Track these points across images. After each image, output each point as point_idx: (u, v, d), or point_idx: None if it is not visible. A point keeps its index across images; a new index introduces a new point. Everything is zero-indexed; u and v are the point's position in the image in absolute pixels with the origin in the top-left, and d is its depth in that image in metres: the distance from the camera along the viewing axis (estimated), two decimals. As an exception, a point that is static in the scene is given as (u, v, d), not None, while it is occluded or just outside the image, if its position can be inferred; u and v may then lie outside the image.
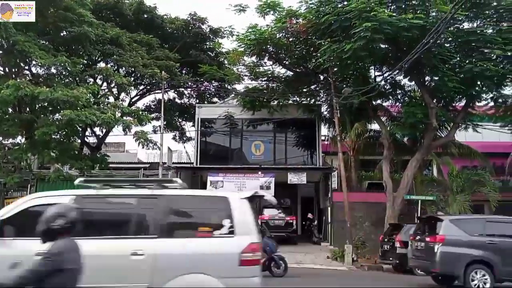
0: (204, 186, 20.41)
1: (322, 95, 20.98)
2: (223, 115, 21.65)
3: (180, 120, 29.03)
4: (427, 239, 10.28)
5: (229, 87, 23.54)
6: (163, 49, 23.22)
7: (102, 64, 21.80)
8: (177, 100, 27.56)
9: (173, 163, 22.66)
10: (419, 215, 16.53)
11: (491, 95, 16.90)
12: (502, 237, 9.85)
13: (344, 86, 17.59)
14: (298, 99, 21.27)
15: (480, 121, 19.43)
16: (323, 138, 22.69)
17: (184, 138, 28.92)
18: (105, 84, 21.85)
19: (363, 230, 17.73)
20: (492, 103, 17.48)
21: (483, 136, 20.61)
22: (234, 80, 21.27)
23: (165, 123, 23.26)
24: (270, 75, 20.20)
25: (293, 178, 19.47)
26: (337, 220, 18.75)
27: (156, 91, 25.06)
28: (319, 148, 21.59)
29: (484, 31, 15.10)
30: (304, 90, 20.61)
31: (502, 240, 9.74)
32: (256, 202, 7.43)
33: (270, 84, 20.95)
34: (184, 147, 29.49)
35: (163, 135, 20.29)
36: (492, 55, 14.71)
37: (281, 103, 20.58)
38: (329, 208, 19.36)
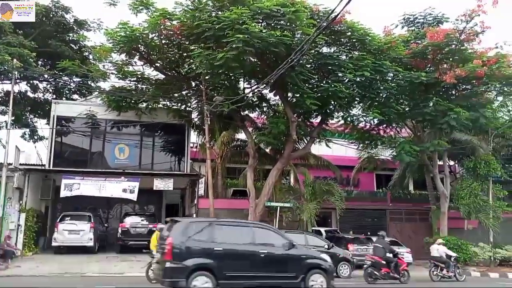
0: (57, 191, 18.50)
1: (193, 102, 20.95)
2: (83, 114, 19.94)
3: (32, 117, 25.94)
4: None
5: (92, 84, 21.88)
6: (17, 35, 20.53)
7: None
8: (30, 94, 24.59)
9: (21, 164, 20.00)
10: (277, 221, 17.61)
11: (342, 114, 18.98)
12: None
13: (215, 94, 17.90)
14: (168, 103, 20.83)
15: (332, 137, 21.75)
16: (192, 144, 22.64)
17: (36, 137, 25.90)
18: None
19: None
20: (342, 121, 19.62)
21: (333, 150, 23.08)
22: (99, 77, 19.85)
23: (13, 118, 20.42)
24: (140, 76, 19.37)
25: (159, 184, 18.97)
26: (201, 227, 18.82)
27: (5, 81, 22.00)
28: (188, 155, 21.45)
29: (340, 56, 16.99)
30: (176, 94, 20.29)
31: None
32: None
33: (139, 85, 20.09)
34: (35, 147, 26.34)
35: (10, 132, 17.74)
36: (345, 78, 16.53)
37: (150, 106, 19.89)
38: (194, 215, 19.32)
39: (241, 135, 21.01)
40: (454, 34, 18.26)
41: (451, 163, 24.51)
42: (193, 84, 19.62)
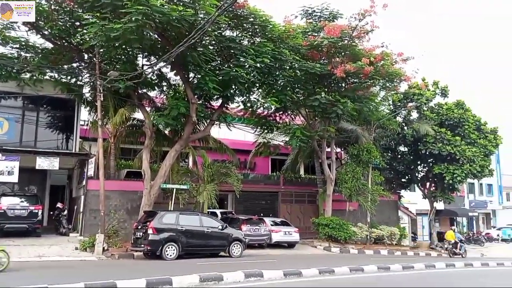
0: None
1: (85, 75, 19.43)
2: (-48, 80, 17.29)
3: None
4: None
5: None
6: None
7: None
8: None
9: None
10: (173, 203, 17.39)
11: (242, 99, 19.31)
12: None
13: (110, 69, 16.84)
14: (56, 75, 19.02)
15: (231, 121, 22.03)
16: (82, 122, 21.12)
17: None
18: None
19: (118, 219, 17.37)
20: (242, 106, 19.97)
21: (232, 134, 23.44)
22: (-28, 40, 17.32)
23: None
24: (24, 43, 17.34)
25: (42, 163, 17.42)
26: (90, 210, 17.85)
27: None
28: (77, 132, 19.94)
29: (242, 41, 17.17)
30: (65, 66, 18.60)
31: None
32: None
33: (23, 53, 17.98)
34: None
35: None
36: (246, 64, 16.79)
37: (35, 77, 17.97)
38: (82, 197, 18.18)
39: (138, 115, 20.15)
40: (347, 30, 19.68)
41: (338, 150, 26.55)
42: (86, 56, 18.20)
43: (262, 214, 21.32)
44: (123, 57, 17.19)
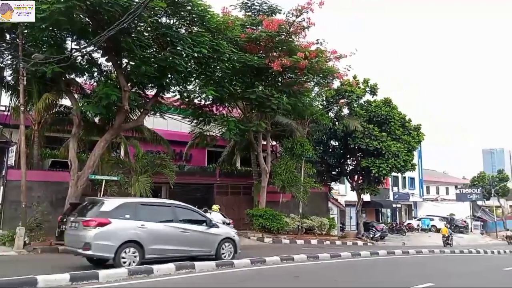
0: None
1: (6, 57, 17.93)
2: None
3: None
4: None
5: None
6: None
7: None
8: None
9: None
10: (102, 194, 16.72)
11: (178, 89, 18.94)
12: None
13: (36, 51, 15.68)
14: (-28, 55, 17.39)
15: (167, 111, 21.55)
16: (3, 108, 19.55)
17: None
18: None
19: (41, 211, 16.36)
20: (178, 96, 19.59)
21: (168, 125, 22.94)
22: None
23: None
24: None
25: (-47, 151, 15.87)
26: (10, 201, 16.66)
27: None
28: (-4, 118, 18.44)
29: (179, 30, 16.79)
30: (-17, 46, 17.05)
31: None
32: None
33: None
34: None
35: None
36: (183, 53, 16.45)
37: None
38: (1, 188, 16.88)
39: (66, 102, 19.02)
40: (285, 25, 20.01)
41: (274, 143, 27.06)
42: (8, 36, 16.81)
43: (197, 206, 21.11)
44: (50, 39, 16.06)
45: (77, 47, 17.06)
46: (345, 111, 28.54)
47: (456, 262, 17.83)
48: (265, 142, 24.05)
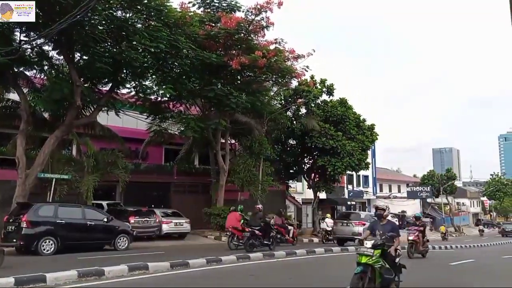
0: None
1: None
2: None
3: None
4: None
5: None
6: None
7: None
8: None
9: None
10: (52, 194, 16.04)
11: (134, 84, 18.46)
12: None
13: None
14: None
15: (122, 107, 20.93)
16: None
17: None
18: None
19: (-15, 212, 15.44)
20: (134, 92, 19.09)
21: (124, 122, 22.30)
22: None
23: None
24: None
25: None
26: None
27: None
28: None
29: (135, 23, 16.35)
30: None
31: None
32: None
33: None
34: None
35: None
36: (139, 47, 16.05)
37: None
38: None
39: (14, 96, 18.04)
40: (244, 23, 19.99)
41: (232, 141, 26.99)
42: None
43: (153, 205, 20.76)
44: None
45: (26, 39, 16.23)
46: (303, 110, 28.95)
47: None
48: (223, 140, 23.96)
